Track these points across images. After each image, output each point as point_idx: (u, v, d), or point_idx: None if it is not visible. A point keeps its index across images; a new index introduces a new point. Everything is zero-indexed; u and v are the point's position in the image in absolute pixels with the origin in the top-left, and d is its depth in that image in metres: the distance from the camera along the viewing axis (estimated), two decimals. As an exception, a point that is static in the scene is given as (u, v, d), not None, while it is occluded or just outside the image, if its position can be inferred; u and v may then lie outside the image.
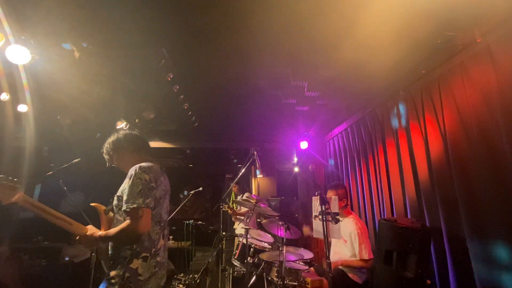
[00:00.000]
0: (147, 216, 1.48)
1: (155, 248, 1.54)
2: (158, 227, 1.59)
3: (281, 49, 2.61)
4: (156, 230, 1.58)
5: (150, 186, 1.54)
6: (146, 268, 1.48)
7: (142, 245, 1.50)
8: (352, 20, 2.17)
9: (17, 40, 2.22)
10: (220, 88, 3.47)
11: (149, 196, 1.51)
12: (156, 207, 1.57)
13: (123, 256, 1.48)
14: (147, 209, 1.48)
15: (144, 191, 1.49)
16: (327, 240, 1.99)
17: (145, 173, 1.54)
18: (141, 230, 1.45)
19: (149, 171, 1.57)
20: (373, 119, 3.72)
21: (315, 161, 5.41)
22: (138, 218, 1.44)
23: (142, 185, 1.50)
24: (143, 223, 1.45)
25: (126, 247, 1.49)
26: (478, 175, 2.16)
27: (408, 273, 2.23)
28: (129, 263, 1.46)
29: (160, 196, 1.62)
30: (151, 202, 1.51)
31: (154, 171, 1.62)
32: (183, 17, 2.24)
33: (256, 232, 3.41)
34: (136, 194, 1.47)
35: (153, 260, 1.52)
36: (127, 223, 1.45)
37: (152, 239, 1.54)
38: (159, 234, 1.59)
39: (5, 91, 3.01)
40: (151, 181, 1.55)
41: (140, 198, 1.47)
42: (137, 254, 1.48)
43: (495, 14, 2.00)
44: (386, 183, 3.35)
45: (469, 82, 2.28)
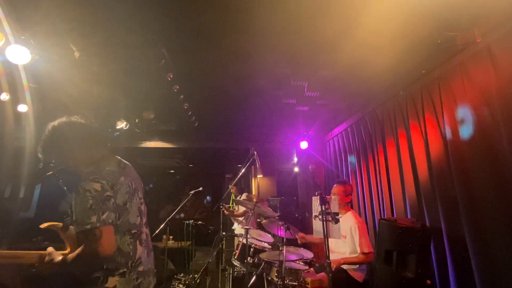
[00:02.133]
0: (107, 234, 1.22)
1: (132, 259, 1.33)
2: (128, 236, 1.34)
3: (281, 49, 2.61)
4: (127, 240, 1.33)
5: (105, 197, 1.25)
6: (126, 283, 1.29)
7: (114, 262, 1.29)
8: (352, 20, 2.17)
9: (17, 40, 2.22)
10: (220, 88, 3.47)
11: (105, 210, 1.23)
12: (121, 216, 1.31)
13: (95, 276, 1.27)
14: (105, 227, 1.21)
15: (96, 206, 1.21)
16: (327, 240, 1.99)
17: (93, 182, 1.24)
18: (104, 252, 1.21)
19: (99, 177, 1.27)
20: (373, 119, 3.72)
21: (315, 161, 5.41)
22: (95, 241, 1.19)
23: (92, 198, 1.21)
24: (104, 243, 1.20)
25: (98, 268, 1.28)
26: (478, 175, 2.16)
27: (408, 273, 2.23)
28: (104, 283, 1.26)
29: (124, 200, 1.34)
30: (109, 216, 1.24)
31: (107, 174, 1.31)
32: (183, 17, 2.24)
33: (256, 232, 3.41)
34: (87, 212, 1.19)
35: (133, 272, 1.32)
36: (84, 248, 1.22)
37: (124, 252, 1.31)
38: (132, 243, 1.35)
39: (5, 91, 3.01)
40: (104, 189, 1.26)
41: (92, 216, 1.19)
42: (111, 272, 1.28)
43: (495, 14, 2.00)
44: (386, 183, 3.35)
45: (469, 82, 2.28)
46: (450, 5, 1.93)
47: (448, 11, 2.00)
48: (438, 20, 2.11)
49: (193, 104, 3.83)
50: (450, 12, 2.01)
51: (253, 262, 2.90)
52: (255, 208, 2.92)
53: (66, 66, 2.71)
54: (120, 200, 1.32)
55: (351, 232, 2.77)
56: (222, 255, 4.25)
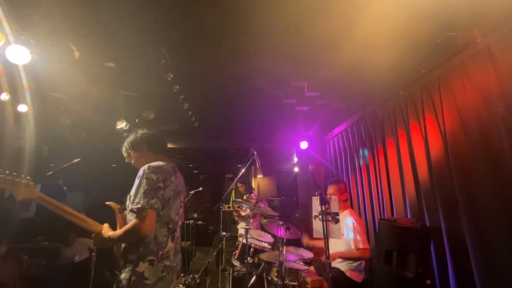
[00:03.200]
0: (151, 217, 1.45)
1: (162, 251, 1.51)
2: (165, 229, 1.55)
3: (281, 49, 2.61)
4: (163, 232, 1.53)
5: (157, 187, 1.50)
6: (153, 272, 1.45)
7: (148, 248, 1.47)
8: (352, 20, 2.17)
9: (17, 40, 2.21)
10: (220, 88, 3.47)
11: (154, 196, 1.47)
12: (164, 208, 1.53)
13: (130, 259, 1.47)
14: (151, 210, 1.44)
15: (149, 192, 1.46)
16: (327, 240, 1.99)
17: (152, 173, 1.52)
18: (144, 232, 1.42)
19: (157, 171, 1.55)
20: (373, 119, 3.72)
21: (315, 161, 5.41)
22: (142, 219, 1.41)
23: (148, 185, 1.48)
24: (146, 224, 1.42)
25: (133, 250, 1.48)
26: (478, 175, 2.16)
27: (408, 273, 2.23)
28: (136, 266, 1.44)
29: (170, 196, 1.58)
30: (156, 203, 1.47)
31: (164, 170, 1.59)
32: (183, 17, 2.24)
33: (256, 232, 3.41)
34: (141, 194, 1.45)
35: (160, 264, 1.48)
36: (131, 223, 1.44)
37: (158, 241, 1.51)
38: (166, 236, 1.54)
39: (5, 91, 3.01)
40: (159, 181, 1.52)
41: (144, 199, 1.44)
42: (143, 257, 1.46)
43: (495, 14, 2.00)
44: (386, 183, 3.35)
45: (469, 82, 2.28)
46: (450, 5, 1.93)
47: (448, 11, 2.00)
48: (438, 20, 2.11)
49: (193, 104, 3.83)
50: (450, 12, 2.01)
51: (253, 262, 2.90)
52: (256, 208, 2.92)
53: (66, 66, 2.71)
54: (167, 194, 1.56)
55: (347, 229, 2.79)
56: (222, 255, 4.24)
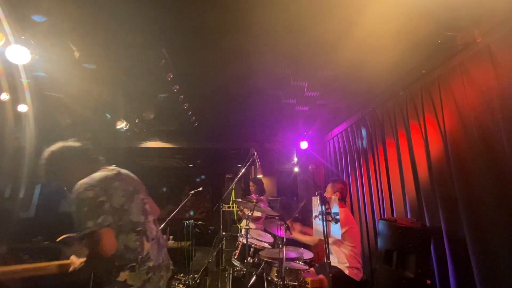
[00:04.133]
0: (107, 236, 1.32)
1: (140, 255, 1.43)
2: (133, 234, 1.45)
3: (281, 49, 2.61)
4: (133, 238, 1.44)
5: (98, 202, 1.35)
6: (137, 277, 1.39)
7: (123, 259, 1.39)
8: (352, 20, 2.17)
9: (17, 40, 2.21)
10: (220, 88, 3.47)
11: (100, 214, 1.32)
12: (121, 217, 1.42)
13: (109, 271, 1.40)
14: (103, 229, 1.31)
15: (92, 211, 1.32)
16: (327, 240, 1.99)
17: (86, 191, 1.35)
18: (106, 253, 1.30)
19: (91, 185, 1.37)
20: (373, 119, 3.72)
21: (315, 161, 5.41)
22: (96, 243, 1.29)
23: (87, 205, 1.32)
24: (104, 245, 1.29)
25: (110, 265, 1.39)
26: (478, 175, 2.16)
27: (408, 273, 2.23)
28: (116, 277, 1.38)
29: (122, 203, 1.45)
30: (105, 219, 1.33)
31: (100, 181, 1.42)
32: (183, 17, 2.24)
33: (256, 232, 3.41)
34: (84, 218, 1.30)
35: (143, 267, 1.42)
36: (88, 250, 1.34)
37: (131, 249, 1.42)
38: (139, 240, 1.45)
39: (5, 91, 3.01)
40: (98, 195, 1.36)
41: (89, 221, 1.29)
42: (122, 267, 1.39)
43: (495, 14, 2.00)
44: (386, 183, 3.35)
45: (469, 82, 2.28)
46: (450, 5, 1.93)
47: (448, 11, 2.00)
48: (438, 20, 2.11)
49: (193, 104, 3.83)
50: (450, 12, 2.01)
51: (253, 262, 2.90)
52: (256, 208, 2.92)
53: (66, 66, 2.71)
54: (116, 203, 1.43)
55: None
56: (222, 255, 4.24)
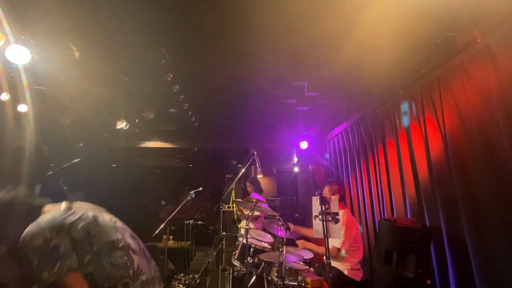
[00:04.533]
0: (73, 281, 1.19)
1: (132, 269, 1.33)
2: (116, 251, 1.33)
3: (281, 49, 2.61)
4: (118, 254, 1.32)
5: (51, 248, 1.18)
6: None
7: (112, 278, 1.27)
8: (352, 20, 2.17)
9: (17, 40, 2.22)
10: (220, 88, 3.47)
11: (55, 260, 1.17)
12: (92, 244, 1.28)
13: None
14: (66, 276, 1.18)
15: (44, 261, 1.16)
16: (327, 240, 1.99)
17: (31, 240, 1.18)
18: None
19: (33, 236, 1.19)
20: (373, 119, 3.72)
21: (315, 161, 5.41)
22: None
23: (37, 256, 1.17)
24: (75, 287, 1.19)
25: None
26: (478, 175, 2.16)
27: (408, 273, 2.23)
28: None
29: (86, 230, 1.29)
30: (64, 264, 1.18)
31: (48, 223, 1.23)
32: (183, 17, 2.24)
33: (256, 232, 3.41)
34: (36, 270, 1.16)
35: (136, 282, 1.33)
36: None
37: (119, 265, 1.30)
38: (126, 254, 1.34)
39: (5, 91, 3.01)
40: (48, 240, 1.18)
41: (44, 272, 1.15)
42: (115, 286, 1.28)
43: (495, 14, 2.00)
44: (386, 183, 3.35)
45: (469, 82, 2.28)
46: (450, 5, 1.93)
47: (448, 11, 1.99)
48: (438, 20, 2.11)
49: (193, 104, 3.83)
50: (450, 12, 2.01)
51: (253, 262, 2.90)
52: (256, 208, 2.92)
53: (66, 66, 2.71)
54: (78, 235, 1.26)
55: None
56: (222, 255, 4.25)
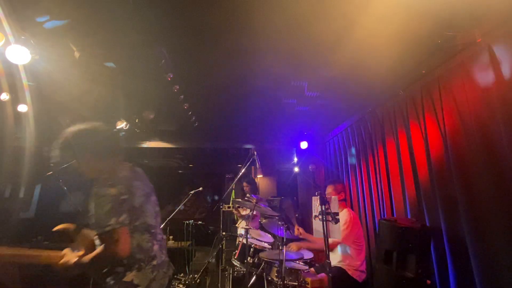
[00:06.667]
0: (125, 236, 1.30)
1: (149, 255, 1.42)
2: (147, 235, 1.44)
3: (281, 49, 2.61)
4: (146, 238, 1.43)
5: (121, 200, 1.32)
6: (143, 277, 1.37)
7: (133, 258, 1.37)
8: (352, 20, 2.16)
9: (17, 40, 2.21)
10: (220, 88, 3.47)
11: (122, 212, 1.31)
12: (139, 217, 1.40)
13: (116, 271, 1.36)
14: (122, 228, 1.29)
15: (114, 209, 1.29)
16: (327, 240, 1.99)
17: (109, 187, 1.32)
18: (121, 254, 1.28)
19: (114, 182, 1.34)
20: (373, 119, 3.72)
21: (315, 161, 5.41)
22: (114, 242, 1.26)
23: (110, 202, 1.29)
24: (121, 245, 1.27)
25: (118, 263, 1.35)
26: (478, 175, 2.16)
27: (408, 273, 2.23)
28: (122, 277, 1.34)
29: (140, 203, 1.43)
30: (126, 218, 1.32)
31: (122, 178, 1.40)
32: (183, 17, 2.24)
33: (256, 232, 3.41)
34: (105, 214, 1.27)
35: (149, 266, 1.40)
36: (103, 248, 1.28)
37: (144, 249, 1.40)
38: (151, 241, 1.44)
39: (5, 91, 3.01)
40: (121, 193, 1.33)
41: (111, 219, 1.26)
42: (130, 267, 1.36)
43: (495, 14, 2.00)
44: (386, 183, 3.35)
45: (469, 82, 2.28)
46: (450, 5, 1.93)
47: (448, 11, 1.99)
48: (438, 20, 2.11)
49: (193, 104, 3.83)
50: (450, 12, 2.01)
51: (253, 262, 2.90)
52: (255, 208, 2.92)
53: (66, 66, 2.71)
54: (136, 203, 1.40)
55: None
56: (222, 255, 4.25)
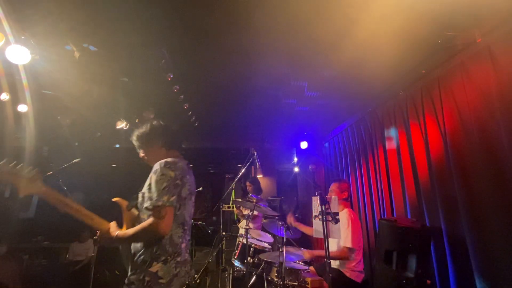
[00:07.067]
0: (170, 216, 1.38)
1: (176, 251, 1.45)
2: (181, 229, 1.49)
3: (281, 49, 2.61)
4: (179, 233, 1.47)
5: (176, 183, 1.44)
6: (167, 271, 1.39)
7: (163, 249, 1.41)
8: (352, 20, 2.17)
9: (17, 40, 2.22)
10: (220, 88, 3.47)
11: (174, 193, 1.41)
12: (180, 208, 1.47)
13: (143, 259, 1.41)
14: (170, 208, 1.38)
15: (169, 188, 1.40)
16: (327, 240, 1.99)
17: (170, 170, 1.44)
18: (163, 231, 1.35)
19: (174, 167, 1.47)
20: (373, 119, 3.72)
21: (315, 161, 5.41)
22: (160, 218, 1.34)
23: (167, 181, 1.40)
24: (165, 223, 1.35)
25: (147, 251, 1.41)
26: (478, 175, 2.16)
27: (408, 273, 2.23)
28: (149, 267, 1.38)
29: (185, 195, 1.51)
30: (175, 201, 1.41)
31: (180, 168, 1.51)
32: (183, 17, 2.24)
33: (256, 232, 3.41)
34: (160, 191, 1.38)
35: (173, 261, 1.42)
36: (148, 222, 1.36)
37: (174, 242, 1.44)
38: (182, 237, 1.49)
39: (5, 91, 3.01)
40: (177, 178, 1.45)
41: (164, 196, 1.37)
42: (157, 258, 1.40)
43: (495, 14, 2.00)
44: (386, 183, 3.35)
45: (469, 82, 2.28)
46: (450, 5, 1.93)
47: (448, 11, 2.00)
48: (438, 20, 2.11)
49: (193, 104, 3.83)
50: (450, 12, 2.01)
51: (253, 262, 2.90)
52: (256, 208, 2.92)
53: (66, 66, 2.71)
54: (183, 193, 1.49)
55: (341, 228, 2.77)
56: (222, 255, 4.24)
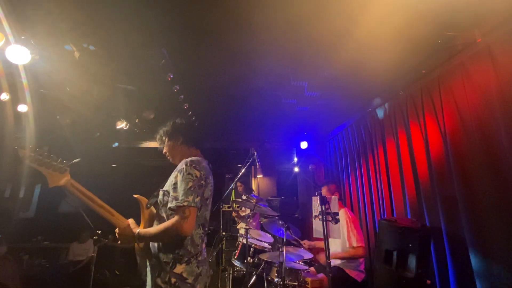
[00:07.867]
0: (193, 216, 1.37)
1: (197, 251, 1.45)
2: (201, 230, 1.48)
3: (281, 49, 2.61)
4: (200, 233, 1.47)
5: (200, 184, 1.43)
6: (191, 271, 1.39)
7: (185, 250, 1.40)
8: (352, 20, 2.17)
9: (17, 40, 2.21)
10: (220, 88, 3.47)
11: (198, 194, 1.40)
12: (202, 208, 1.47)
13: (165, 261, 1.39)
14: (194, 209, 1.37)
15: (194, 189, 1.38)
16: (327, 240, 1.99)
17: (195, 169, 1.43)
18: (186, 231, 1.34)
19: (199, 167, 1.46)
20: (373, 119, 3.72)
21: (315, 161, 5.41)
22: (185, 218, 1.33)
23: (192, 181, 1.39)
24: (188, 224, 1.34)
25: (168, 251, 1.40)
26: (478, 175, 2.16)
27: (408, 273, 2.23)
28: (173, 268, 1.37)
29: (207, 196, 1.51)
30: (199, 202, 1.40)
31: (204, 168, 1.50)
32: (183, 17, 2.24)
33: (256, 232, 3.41)
34: (186, 191, 1.36)
35: (195, 261, 1.43)
36: (173, 221, 1.34)
37: (195, 243, 1.44)
38: (202, 238, 1.48)
39: (5, 91, 3.01)
40: (201, 178, 1.44)
41: (190, 196, 1.36)
42: (180, 259, 1.39)
43: (495, 14, 2.00)
44: (386, 183, 3.35)
45: (469, 82, 2.28)
46: (450, 5, 1.93)
47: (448, 11, 2.00)
48: (438, 20, 2.11)
49: (193, 104, 3.83)
50: (450, 12, 2.01)
51: (253, 262, 2.89)
52: (255, 208, 2.91)
53: (66, 66, 2.71)
54: (206, 194, 1.49)
55: (342, 229, 2.79)
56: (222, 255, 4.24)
